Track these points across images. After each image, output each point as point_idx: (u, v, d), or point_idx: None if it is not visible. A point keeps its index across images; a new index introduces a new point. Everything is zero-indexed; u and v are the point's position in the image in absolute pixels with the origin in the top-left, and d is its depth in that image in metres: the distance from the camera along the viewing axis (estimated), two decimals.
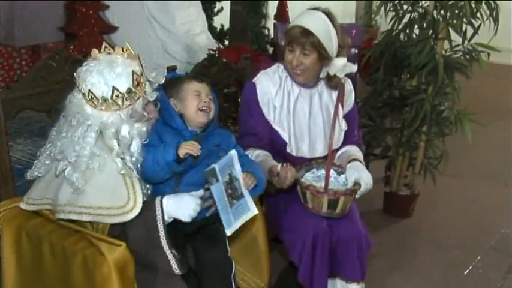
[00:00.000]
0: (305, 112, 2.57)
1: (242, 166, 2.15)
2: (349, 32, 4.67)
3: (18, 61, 5.44)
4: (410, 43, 3.54)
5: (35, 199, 2.15)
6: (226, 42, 6.48)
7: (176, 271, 2.02)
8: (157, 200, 2.03)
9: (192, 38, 5.79)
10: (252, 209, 2.14)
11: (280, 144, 2.55)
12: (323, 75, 2.54)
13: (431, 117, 3.54)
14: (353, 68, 2.55)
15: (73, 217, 2.00)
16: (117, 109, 2.05)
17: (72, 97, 2.10)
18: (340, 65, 2.50)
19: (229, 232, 2.11)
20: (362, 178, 2.41)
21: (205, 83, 2.29)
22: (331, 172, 2.43)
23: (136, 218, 1.99)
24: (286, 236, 2.47)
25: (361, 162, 2.53)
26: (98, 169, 2.01)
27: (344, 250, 2.45)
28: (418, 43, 3.46)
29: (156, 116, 2.19)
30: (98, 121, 2.04)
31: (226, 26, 6.63)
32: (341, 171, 2.53)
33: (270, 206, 2.59)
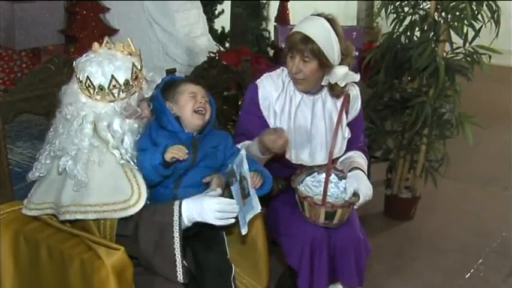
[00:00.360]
0: (307, 119, 2.54)
1: (249, 165, 2.15)
2: (350, 34, 4.67)
3: (18, 64, 5.43)
4: (411, 45, 3.53)
5: (36, 203, 2.13)
6: (227, 44, 6.48)
7: (180, 280, 2.00)
8: (175, 205, 2.02)
9: (193, 41, 5.78)
10: (256, 207, 2.14)
11: None
12: (325, 83, 2.49)
13: (432, 119, 3.53)
14: (355, 78, 2.48)
15: (79, 216, 1.99)
16: (112, 100, 2.05)
17: (67, 87, 2.11)
18: (341, 74, 2.44)
19: (244, 231, 2.10)
20: (361, 190, 2.38)
21: (200, 86, 2.30)
22: (332, 176, 2.41)
23: (151, 220, 1.98)
24: (284, 241, 2.46)
25: (363, 170, 2.49)
26: (99, 164, 2.01)
27: (342, 256, 2.44)
28: (419, 45, 3.45)
29: (149, 115, 2.19)
30: (92, 111, 2.04)
31: (227, 29, 6.62)
32: (342, 176, 2.51)
33: (269, 210, 2.58)
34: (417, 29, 3.56)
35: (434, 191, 3.87)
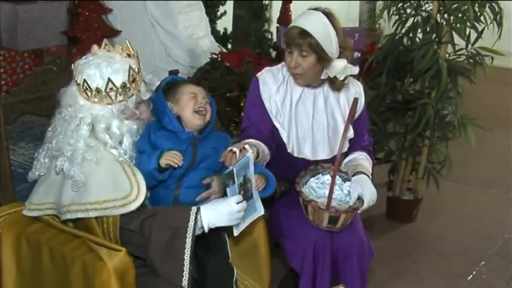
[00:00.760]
0: (308, 112, 2.53)
1: (253, 167, 2.15)
2: (352, 36, 4.66)
3: (21, 65, 5.44)
4: (413, 47, 3.52)
5: (37, 204, 2.14)
6: (229, 46, 6.47)
7: (185, 286, 1.99)
8: (192, 211, 2.00)
9: (195, 42, 5.78)
10: (259, 210, 2.13)
11: (281, 143, 2.51)
12: (324, 76, 2.48)
13: (434, 121, 3.53)
14: (354, 70, 2.48)
15: (80, 215, 1.99)
16: (109, 103, 2.06)
17: (65, 89, 2.12)
18: (340, 67, 2.44)
19: (236, 232, 2.09)
20: (365, 195, 2.37)
21: (201, 87, 2.32)
22: (335, 178, 2.41)
23: (164, 224, 1.98)
24: (286, 244, 2.46)
25: (367, 174, 2.47)
26: (96, 163, 2.01)
27: (345, 259, 2.43)
28: (422, 47, 3.44)
29: (148, 117, 2.20)
30: (89, 113, 2.05)
31: (229, 30, 6.62)
32: (346, 177, 2.50)
33: (272, 212, 2.58)
34: (419, 31, 3.55)
35: (436, 193, 3.86)
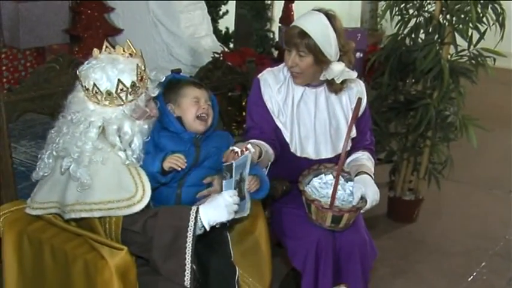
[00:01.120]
0: (310, 111, 2.53)
1: (250, 168, 2.15)
2: (354, 36, 4.67)
3: (23, 63, 5.44)
4: (415, 48, 3.52)
5: (40, 203, 2.13)
6: (231, 45, 6.47)
7: (187, 285, 1.99)
8: (192, 210, 2.00)
9: (197, 41, 5.79)
10: (246, 211, 2.14)
11: (284, 143, 2.52)
12: (323, 78, 2.47)
13: (436, 122, 3.53)
14: (352, 75, 2.46)
15: (84, 215, 1.99)
16: (120, 104, 2.05)
17: (72, 97, 2.10)
18: (337, 70, 2.42)
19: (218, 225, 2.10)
20: (368, 195, 2.37)
21: (203, 89, 2.30)
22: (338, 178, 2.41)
23: (167, 224, 1.98)
24: (289, 243, 2.46)
25: (370, 174, 2.47)
26: (102, 163, 2.01)
27: (347, 258, 2.43)
28: (424, 48, 3.44)
29: (157, 114, 2.19)
30: (101, 117, 2.04)
31: (231, 29, 6.62)
32: (349, 177, 2.50)
33: (274, 211, 2.58)
34: (422, 32, 3.55)
35: (437, 194, 3.86)
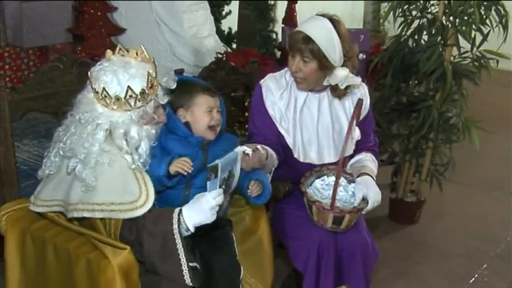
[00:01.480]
0: (313, 116, 2.53)
1: (252, 173, 2.16)
2: (357, 37, 4.66)
3: (26, 62, 5.44)
4: (418, 49, 3.52)
5: (45, 200, 2.14)
6: (234, 45, 6.47)
7: (189, 283, 1.99)
8: (175, 213, 2.00)
9: (200, 41, 5.78)
10: None
11: (287, 148, 2.52)
12: (326, 83, 2.47)
13: (438, 123, 3.53)
14: (356, 80, 2.46)
15: (86, 215, 1.99)
16: (128, 109, 2.05)
17: (82, 97, 2.10)
18: (341, 76, 2.42)
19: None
20: (369, 196, 2.37)
21: (216, 97, 2.28)
22: (341, 180, 2.40)
23: (153, 229, 1.98)
24: (291, 244, 2.46)
25: (371, 175, 2.47)
26: (109, 165, 2.01)
27: (349, 260, 2.44)
28: (427, 49, 3.44)
29: (165, 120, 2.18)
30: (108, 120, 2.04)
31: (234, 29, 6.62)
32: (352, 179, 2.50)
33: (276, 212, 2.58)
34: (425, 33, 3.55)
35: (439, 195, 3.86)
